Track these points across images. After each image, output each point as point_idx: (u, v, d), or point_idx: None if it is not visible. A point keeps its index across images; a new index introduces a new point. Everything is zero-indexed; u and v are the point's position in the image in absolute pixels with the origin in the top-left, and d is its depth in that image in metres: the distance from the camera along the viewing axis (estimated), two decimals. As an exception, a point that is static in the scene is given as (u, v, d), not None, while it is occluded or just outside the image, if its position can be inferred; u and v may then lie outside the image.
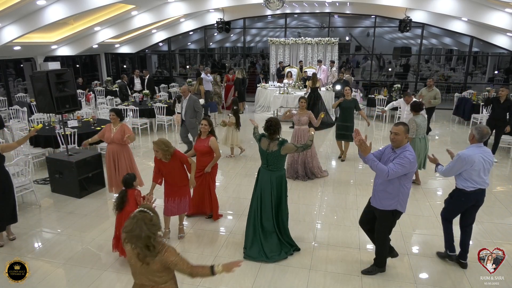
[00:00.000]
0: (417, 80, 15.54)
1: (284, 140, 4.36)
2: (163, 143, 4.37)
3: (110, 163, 5.80)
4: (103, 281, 4.07)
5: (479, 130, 4.00)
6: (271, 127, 4.31)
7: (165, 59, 19.70)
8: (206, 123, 5.24)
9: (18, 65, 15.68)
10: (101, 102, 11.91)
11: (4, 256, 4.52)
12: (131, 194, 4.16)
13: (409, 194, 3.85)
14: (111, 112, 5.79)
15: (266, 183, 4.40)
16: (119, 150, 5.77)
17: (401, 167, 3.57)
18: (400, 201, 3.79)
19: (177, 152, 4.51)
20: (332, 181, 6.99)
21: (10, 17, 9.55)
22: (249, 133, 10.77)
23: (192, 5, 12.53)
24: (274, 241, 4.48)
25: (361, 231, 5.11)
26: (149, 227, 2.34)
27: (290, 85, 12.63)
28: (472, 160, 3.94)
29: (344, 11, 14.49)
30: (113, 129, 5.74)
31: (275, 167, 4.38)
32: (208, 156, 5.20)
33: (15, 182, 5.60)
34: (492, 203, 6.06)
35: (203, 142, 5.22)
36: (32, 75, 6.39)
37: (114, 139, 5.69)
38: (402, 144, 3.71)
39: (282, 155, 4.32)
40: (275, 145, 4.30)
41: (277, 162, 4.35)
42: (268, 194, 4.40)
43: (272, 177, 4.37)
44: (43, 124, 7.75)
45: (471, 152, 3.98)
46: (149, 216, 2.38)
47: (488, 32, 13.02)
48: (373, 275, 4.13)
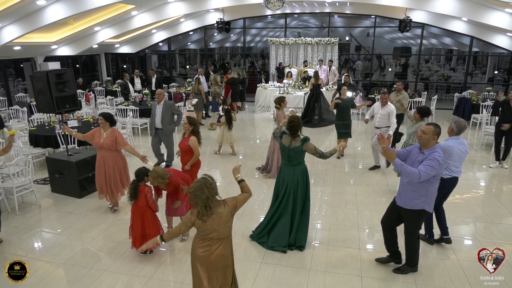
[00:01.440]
0: (417, 80, 15.55)
1: (307, 137, 4.58)
2: (159, 176, 4.23)
3: (100, 169, 5.49)
4: (103, 281, 4.07)
5: (458, 124, 4.42)
6: (293, 127, 4.54)
7: (165, 59, 19.70)
8: (186, 122, 5.36)
9: (18, 65, 15.67)
10: (101, 102, 11.91)
11: (4, 256, 4.52)
12: (142, 189, 4.37)
13: (436, 193, 3.85)
14: (100, 116, 5.42)
15: (291, 178, 4.59)
16: (109, 157, 5.42)
17: (432, 169, 3.57)
18: (428, 200, 3.79)
19: (172, 179, 4.40)
20: (332, 181, 6.99)
21: (10, 17, 9.55)
22: (246, 133, 10.78)
23: (192, 5, 12.53)
24: (284, 233, 4.63)
25: (361, 231, 5.13)
26: (209, 190, 2.86)
27: (290, 85, 12.64)
28: (451, 151, 4.33)
29: (344, 11, 14.49)
30: (102, 134, 5.40)
31: (297, 162, 4.60)
32: (190, 154, 5.36)
33: (15, 182, 5.61)
34: (492, 203, 6.06)
35: (185, 140, 5.39)
36: (32, 75, 6.39)
37: (103, 145, 5.34)
38: (430, 145, 3.70)
39: (303, 151, 4.56)
40: (297, 142, 4.54)
41: (298, 157, 4.58)
42: (294, 189, 4.58)
43: (296, 171, 4.59)
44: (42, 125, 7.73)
45: (451, 144, 4.37)
46: (209, 181, 2.90)
47: (488, 32, 13.03)
48: (405, 274, 4.14)
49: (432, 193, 3.78)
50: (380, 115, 7.10)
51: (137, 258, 4.47)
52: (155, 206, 4.49)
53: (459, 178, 4.55)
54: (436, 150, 3.65)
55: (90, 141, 5.50)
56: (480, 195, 6.46)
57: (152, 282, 4.05)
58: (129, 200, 4.41)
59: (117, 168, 5.52)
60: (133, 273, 4.22)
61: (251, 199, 4.62)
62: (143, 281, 4.05)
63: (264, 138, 9.92)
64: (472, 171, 7.58)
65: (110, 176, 5.47)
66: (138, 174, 4.40)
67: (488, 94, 12.26)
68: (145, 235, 4.39)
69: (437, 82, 17.58)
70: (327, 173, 7.34)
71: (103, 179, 5.49)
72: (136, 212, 4.41)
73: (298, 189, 4.58)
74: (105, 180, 5.48)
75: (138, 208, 4.40)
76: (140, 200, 4.38)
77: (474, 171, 7.58)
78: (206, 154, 8.49)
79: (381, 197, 6.22)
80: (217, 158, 8.30)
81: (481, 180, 7.17)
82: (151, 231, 4.39)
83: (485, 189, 6.73)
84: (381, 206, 5.89)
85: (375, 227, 5.22)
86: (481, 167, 7.89)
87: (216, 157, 8.35)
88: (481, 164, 8.02)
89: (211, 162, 7.99)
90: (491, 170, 7.61)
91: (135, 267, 4.33)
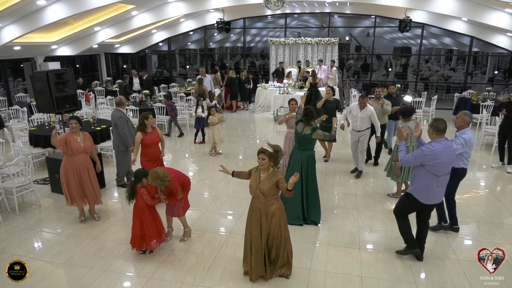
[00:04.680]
0: (417, 80, 15.54)
1: (317, 126, 5.20)
2: (158, 177, 4.19)
3: (77, 176, 5.18)
4: (103, 281, 4.07)
5: (468, 115, 4.85)
6: (308, 114, 5.15)
7: (165, 59, 19.69)
8: (151, 117, 5.65)
9: (18, 65, 15.67)
10: (101, 102, 11.91)
11: (4, 256, 4.52)
12: (138, 191, 4.36)
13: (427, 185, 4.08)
14: (73, 120, 5.16)
15: (297, 161, 5.22)
16: (85, 161, 5.26)
17: (414, 158, 4.02)
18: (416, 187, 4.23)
19: (172, 183, 4.37)
20: (332, 181, 6.99)
21: (10, 17, 9.55)
22: (247, 133, 10.78)
23: (192, 5, 12.53)
24: (297, 209, 5.18)
25: (361, 231, 5.13)
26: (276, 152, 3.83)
27: (290, 85, 12.64)
28: (471, 142, 4.68)
29: (344, 11, 14.49)
30: (76, 139, 5.18)
31: (305, 148, 5.20)
32: (156, 146, 5.71)
33: (15, 182, 5.61)
34: (492, 203, 6.06)
35: (152, 134, 5.64)
36: (32, 75, 6.40)
37: (85, 148, 5.22)
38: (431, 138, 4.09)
39: (312, 139, 5.17)
40: (308, 130, 5.12)
41: (307, 143, 5.19)
42: (301, 170, 5.11)
43: (303, 155, 5.19)
44: (42, 125, 7.72)
45: (466, 137, 4.70)
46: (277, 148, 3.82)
47: (488, 32, 13.02)
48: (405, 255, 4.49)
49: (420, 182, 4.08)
50: (360, 118, 6.78)
51: (137, 258, 4.47)
52: (153, 201, 4.42)
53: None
54: (426, 143, 4.06)
55: (63, 147, 5.08)
56: (480, 195, 6.46)
57: (152, 282, 4.05)
58: (127, 201, 4.41)
59: (90, 172, 5.33)
60: (133, 273, 4.22)
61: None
62: (143, 281, 4.05)
63: (265, 138, 9.91)
64: (472, 171, 7.58)
65: (91, 180, 5.29)
66: (137, 175, 4.39)
67: (488, 94, 12.26)
68: (143, 236, 4.40)
69: (437, 82, 17.58)
70: (327, 173, 7.34)
71: (78, 185, 5.20)
72: (136, 213, 4.43)
73: (303, 171, 5.12)
74: (87, 185, 5.23)
75: (137, 209, 4.42)
76: (138, 201, 4.39)
77: (474, 171, 7.58)
78: (205, 155, 8.49)
79: (381, 197, 6.22)
80: (230, 162, 8.29)
81: (481, 180, 7.16)
82: (149, 232, 4.40)
83: (485, 189, 6.73)
84: (381, 206, 5.89)
85: (375, 227, 5.22)
86: (481, 167, 7.89)
87: (229, 161, 8.27)
88: (481, 164, 8.02)
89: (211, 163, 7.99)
90: (491, 170, 7.61)
91: (135, 267, 4.33)
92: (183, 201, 4.74)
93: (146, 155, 5.66)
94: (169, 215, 4.85)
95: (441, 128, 4.02)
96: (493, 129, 8.97)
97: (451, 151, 4.02)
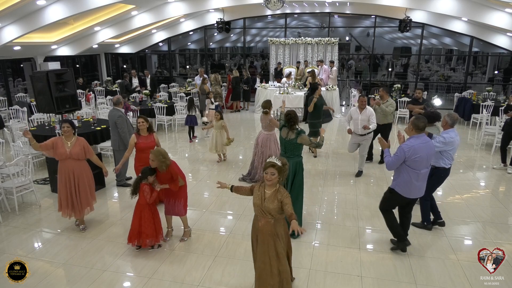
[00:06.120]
0: (417, 80, 15.54)
1: (302, 130, 4.92)
2: (161, 153, 4.32)
3: (67, 183, 4.90)
4: (103, 281, 4.07)
5: (451, 116, 4.80)
6: (291, 119, 4.89)
7: (165, 59, 19.69)
8: (143, 120, 5.48)
9: (18, 65, 15.67)
10: (101, 102, 11.92)
11: (4, 256, 4.52)
12: (141, 187, 4.43)
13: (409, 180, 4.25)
14: (65, 124, 4.85)
15: None
16: (77, 167, 4.91)
17: (396, 158, 4.18)
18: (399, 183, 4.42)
19: (172, 165, 4.43)
20: (332, 181, 6.99)
21: (10, 17, 9.55)
22: (247, 133, 10.77)
23: (192, 5, 12.53)
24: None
25: (361, 231, 5.13)
26: (284, 166, 3.40)
27: (290, 85, 12.64)
28: (453, 142, 4.66)
29: (344, 11, 14.49)
30: (66, 144, 4.87)
31: (292, 154, 4.91)
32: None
33: (15, 182, 5.61)
34: (492, 203, 6.06)
35: (147, 138, 5.46)
36: (32, 75, 6.41)
37: (72, 154, 4.83)
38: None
39: (298, 144, 4.88)
40: (293, 134, 4.87)
41: (294, 149, 4.91)
42: (287, 179, 4.76)
43: (290, 163, 4.73)
44: (42, 125, 7.72)
45: (452, 135, 4.68)
46: (284, 161, 3.42)
47: (488, 32, 13.02)
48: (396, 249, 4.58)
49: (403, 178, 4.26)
50: (361, 121, 6.72)
51: (137, 258, 4.48)
52: (152, 198, 4.43)
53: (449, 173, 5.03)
54: (406, 143, 4.20)
55: (48, 151, 4.88)
56: (480, 195, 6.46)
57: (152, 282, 4.05)
58: (131, 195, 4.49)
59: (86, 180, 5.02)
60: (133, 273, 4.22)
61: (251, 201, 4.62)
62: (143, 281, 4.05)
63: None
64: (472, 171, 7.58)
65: (78, 189, 4.94)
66: (144, 172, 4.46)
67: (488, 94, 12.26)
68: (140, 233, 4.47)
69: (437, 82, 17.59)
70: (327, 173, 7.34)
71: (68, 193, 4.92)
72: (137, 209, 4.52)
73: (289, 178, 4.79)
74: (73, 194, 4.92)
75: (138, 205, 4.52)
76: (140, 198, 4.47)
77: (474, 171, 7.58)
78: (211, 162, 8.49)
79: (381, 197, 6.20)
80: (230, 164, 8.29)
81: (481, 180, 7.16)
82: (146, 230, 4.45)
83: (485, 189, 6.73)
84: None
85: (375, 227, 5.22)
86: (481, 167, 7.89)
87: (229, 163, 8.27)
88: (481, 164, 8.02)
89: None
90: (491, 170, 7.60)
91: (135, 267, 4.33)
92: (184, 200, 4.76)
93: (140, 160, 5.34)
94: (169, 215, 4.85)
95: (421, 127, 4.18)
96: (493, 129, 8.97)
97: (430, 146, 4.22)
